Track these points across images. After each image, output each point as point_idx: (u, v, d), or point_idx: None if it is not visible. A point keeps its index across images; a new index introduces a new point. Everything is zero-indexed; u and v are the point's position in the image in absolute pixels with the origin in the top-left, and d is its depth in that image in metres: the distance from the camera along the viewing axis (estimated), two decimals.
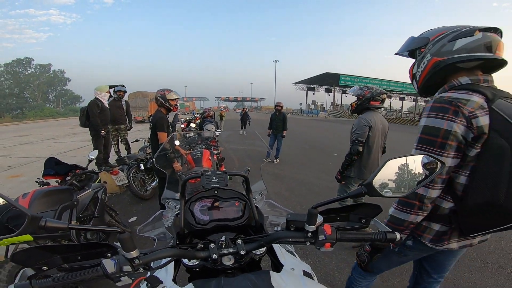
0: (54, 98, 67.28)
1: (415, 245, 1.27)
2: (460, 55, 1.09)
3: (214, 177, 1.03)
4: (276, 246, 0.95)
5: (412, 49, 1.28)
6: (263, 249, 0.86)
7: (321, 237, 0.69)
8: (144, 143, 5.75)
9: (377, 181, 0.69)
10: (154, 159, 3.25)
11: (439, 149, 1.05)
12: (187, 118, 10.73)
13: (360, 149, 2.75)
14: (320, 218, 0.70)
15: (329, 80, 43.65)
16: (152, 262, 0.67)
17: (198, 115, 11.54)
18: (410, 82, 1.37)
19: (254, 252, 0.83)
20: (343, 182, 2.99)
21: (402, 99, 51.64)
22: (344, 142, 11.81)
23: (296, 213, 0.75)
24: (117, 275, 0.61)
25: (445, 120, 1.04)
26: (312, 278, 0.86)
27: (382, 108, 3.18)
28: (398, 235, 0.73)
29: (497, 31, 1.10)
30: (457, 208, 1.11)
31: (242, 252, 0.77)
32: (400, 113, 46.36)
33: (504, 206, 0.97)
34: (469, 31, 1.09)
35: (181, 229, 1.00)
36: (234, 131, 11.32)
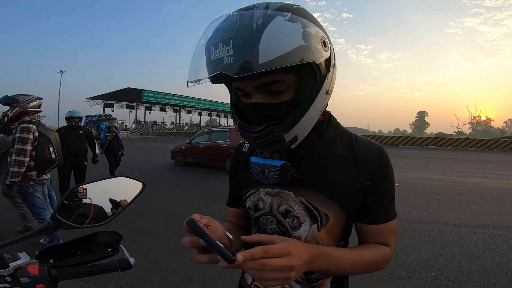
0: None
1: (33, 184, 2.79)
2: (32, 109, 2.76)
3: None
4: None
5: (8, 103, 2.69)
6: None
7: (25, 279, 0.61)
8: None
9: (64, 212, 0.67)
10: None
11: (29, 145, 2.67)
12: None
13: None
14: (23, 259, 0.63)
15: (131, 96, 41.23)
16: None
17: None
18: (206, 99, 2.11)
19: None
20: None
21: (200, 114, 57.21)
22: (148, 160, 11.85)
23: None
24: None
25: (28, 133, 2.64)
26: None
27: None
28: (132, 261, 0.68)
29: (41, 98, 2.87)
30: (35, 164, 2.75)
31: None
32: (199, 127, 51.07)
33: (52, 160, 2.91)
34: (35, 98, 2.82)
35: None
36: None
